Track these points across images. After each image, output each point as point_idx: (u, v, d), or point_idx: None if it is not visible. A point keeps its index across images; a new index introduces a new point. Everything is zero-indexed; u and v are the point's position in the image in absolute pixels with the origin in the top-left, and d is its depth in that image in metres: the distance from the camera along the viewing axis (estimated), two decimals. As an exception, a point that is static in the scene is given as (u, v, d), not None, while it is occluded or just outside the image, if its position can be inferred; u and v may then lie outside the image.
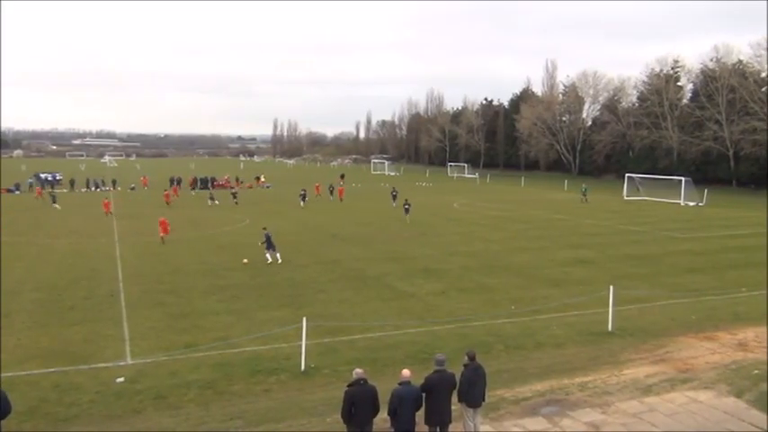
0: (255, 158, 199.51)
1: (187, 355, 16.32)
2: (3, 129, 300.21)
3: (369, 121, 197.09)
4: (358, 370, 10.72)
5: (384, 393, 10.64)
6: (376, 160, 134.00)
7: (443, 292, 23.55)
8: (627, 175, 69.46)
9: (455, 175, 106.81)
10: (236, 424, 12.48)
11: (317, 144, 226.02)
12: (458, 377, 11.11)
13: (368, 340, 17.67)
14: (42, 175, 78.50)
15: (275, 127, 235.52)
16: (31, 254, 30.83)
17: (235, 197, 56.95)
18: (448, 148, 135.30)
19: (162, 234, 34.34)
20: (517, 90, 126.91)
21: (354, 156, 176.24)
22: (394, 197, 53.63)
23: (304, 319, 15.99)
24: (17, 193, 68.04)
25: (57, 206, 51.44)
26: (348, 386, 10.50)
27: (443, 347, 15.95)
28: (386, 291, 23.77)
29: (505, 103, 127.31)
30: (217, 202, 54.71)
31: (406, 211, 44.36)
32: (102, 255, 30.66)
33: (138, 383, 14.49)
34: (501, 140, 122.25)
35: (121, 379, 14.71)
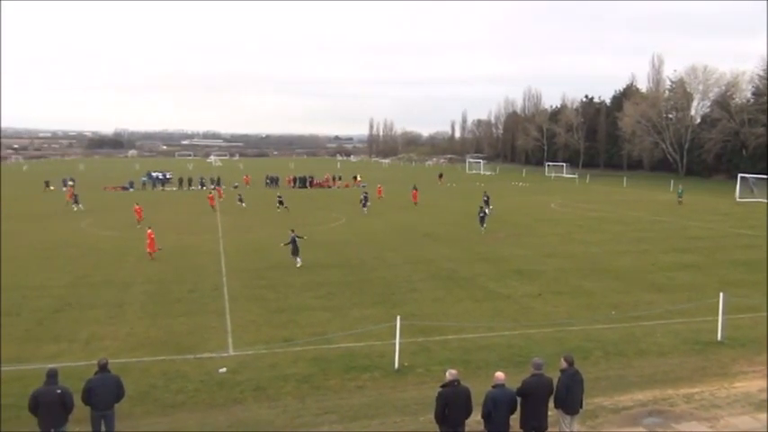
0: (352, 158, 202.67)
1: (285, 349, 16.82)
2: (119, 130, 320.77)
3: (464, 120, 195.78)
4: (452, 371, 10.68)
5: (477, 395, 10.54)
6: (471, 160, 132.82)
7: (539, 294, 23.04)
8: (740, 175, 65.32)
9: (553, 174, 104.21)
10: (331, 418, 12.74)
11: (412, 143, 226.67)
12: (555, 382, 10.84)
13: (461, 341, 17.57)
14: (154, 174, 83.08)
15: (371, 127, 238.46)
16: (141, 249, 32.72)
17: (282, 204, 51.44)
18: (546, 147, 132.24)
19: (150, 250, 29.85)
20: (619, 87, 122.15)
21: (449, 155, 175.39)
22: (486, 202, 50.08)
23: (398, 317, 16.12)
24: (131, 190, 72.44)
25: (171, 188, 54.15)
26: (441, 387, 10.47)
27: (539, 351, 15.61)
28: (479, 292, 23.54)
29: (607, 101, 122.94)
30: (286, 206, 53.83)
31: (482, 220, 39.01)
32: (206, 250, 32.10)
33: (239, 374, 15.08)
34: (602, 139, 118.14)
35: (224, 369, 15.35)
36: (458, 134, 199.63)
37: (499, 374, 10.61)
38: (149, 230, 30.40)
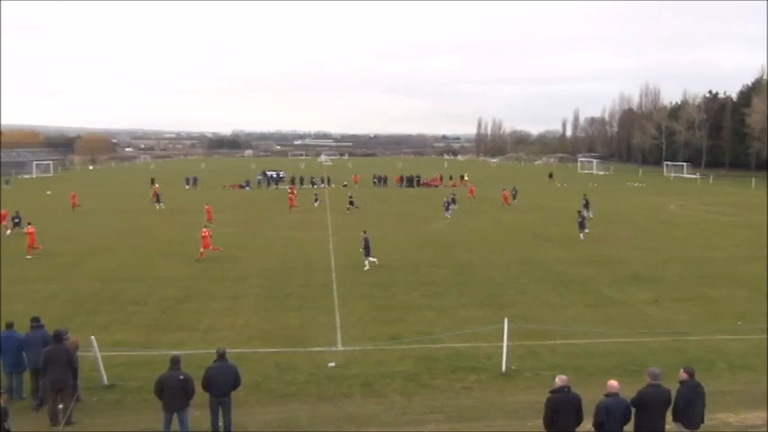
0: (459, 157, 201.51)
1: (392, 347, 17.00)
2: (237, 131, 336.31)
3: (576, 118, 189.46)
4: (562, 377, 10.40)
5: (588, 403, 10.21)
6: (583, 159, 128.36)
7: (656, 300, 21.94)
8: None
9: (672, 174, 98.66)
10: (437, 418, 12.76)
11: (521, 143, 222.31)
12: (673, 394, 10.30)
13: (571, 346, 17.05)
14: (268, 173, 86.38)
15: (479, 126, 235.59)
16: (256, 244, 34.16)
17: (352, 204, 50.76)
18: (664, 146, 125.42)
19: (202, 249, 29.56)
20: (747, 81, 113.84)
21: (560, 154, 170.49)
22: (585, 205, 45.49)
23: (506, 319, 15.88)
24: (247, 188, 75.73)
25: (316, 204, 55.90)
26: (551, 392, 10.23)
27: (656, 361, 14.87)
28: (591, 296, 22.74)
29: (733, 96, 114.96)
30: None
31: (581, 225, 35.61)
32: (317, 247, 33.01)
33: (347, 369, 15.41)
34: (727, 137, 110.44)
35: (333, 364, 15.74)
36: (569, 132, 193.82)
37: (613, 383, 10.21)
38: (204, 230, 30.56)
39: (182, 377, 11.49)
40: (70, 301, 21.77)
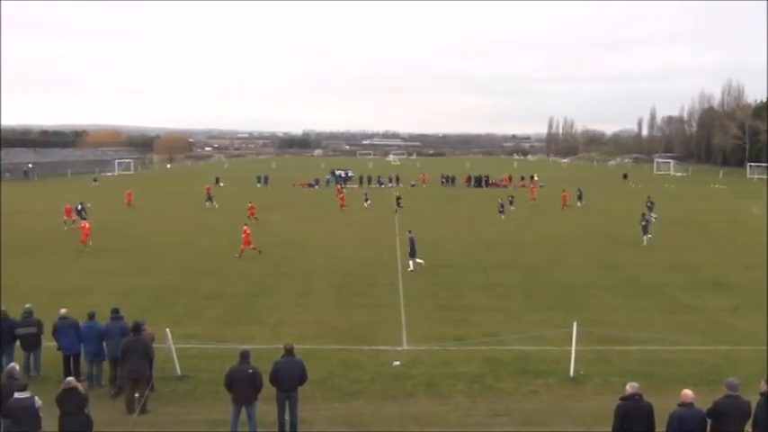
0: (529, 157, 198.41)
1: (458, 347, 16.91)
2: (307, 131, 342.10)
3: (652, 117, 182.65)
4: (633, 383, 10.09)
5: (660, 413, 9.86)
6: (660, 159, 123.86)
7: (736, 308, 20.97)
8: None
9: (755, 176, 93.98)
10: (502, 421, 12.61)
11: (593, 142, 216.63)
12: (753, 407, 9.82)
13: (644, 353, 16.51)
14: (337, 172, 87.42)
15: (550, 125, 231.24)
16: (325, 242, 34.63)
17: (399, 204, 49.60)
18: (748, 146, 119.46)
19: (243, 246, 30.02)
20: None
21: (635, 155, 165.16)
22: (650, 208, 42.80)
23: (575, 323, 15.54)
24: (316, 187, 76.91)
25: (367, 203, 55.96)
26: (621, 399, 9.94)
27: (734, 371, 14.18)
28: (666, 301, 21.95)
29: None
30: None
31: (644, 229, 33.77)
32: (384, 246, 33.17)
33: (412, 369, 15.43)
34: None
35: (398, 363, 15.79)
36: (645, 132, 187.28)
37: (687, 392, 9.83)
38: (245, 227, 31.04)
39: (251, 371, 11.78)
40: (148, 294, 22.68)
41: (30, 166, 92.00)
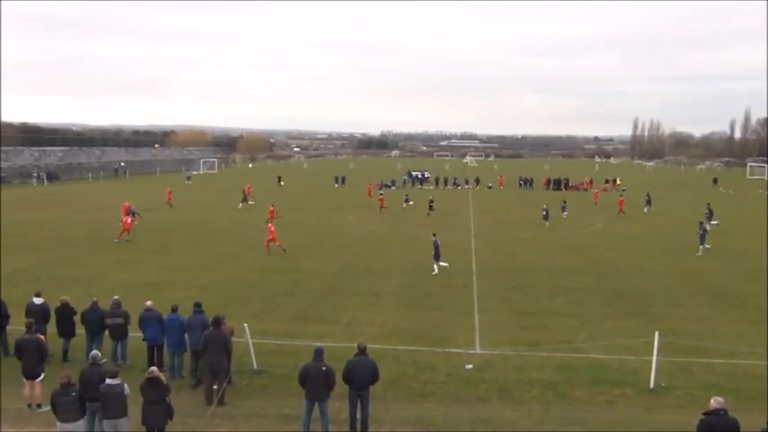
0: (612, 160, 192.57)
1: (531, 353, 16.61)
2: (385, 132, 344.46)
3: (747, 119, 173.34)
4: (718, 398, 9.63)
5: (747, 429, 9.36)
6: (753, 164, 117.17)
7: (835, 322, 19.62)
8: None
9: None
10: (576, 429, 12.30)
11: (681, 145, 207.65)
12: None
13: (730, 366, 15.70)
14: (413, 173, 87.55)
15: (635, 127, 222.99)
16: (398, 242, 34.76)
17: (431, 208, 49.11)
18: None
19: (269, 240, 30.91)
20: None
21: (726, 158, 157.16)
22: (709, 216, 40.28)
23: (656, 333, 14.96)
24: (392, 188, 77.29)
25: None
26: (705, 414, 9.50)
27: (831, 389, 13.32)
28: (755, 313, 20.78)
29: None
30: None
31: (702, 238, 31.66)
32: (458, 247, 32.94)
33: (484, 373, 15.26)
34: None
35: (470, 366, 15.65)
36: (738, 134, 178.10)
37: (718, 399, 9.32)
38: (270, 225, 32.14)
39: (324, 368, 11.97)
40: (226, 289, 23.40)
41: (122, 164, 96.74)
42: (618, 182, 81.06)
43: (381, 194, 54.36)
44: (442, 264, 26.80)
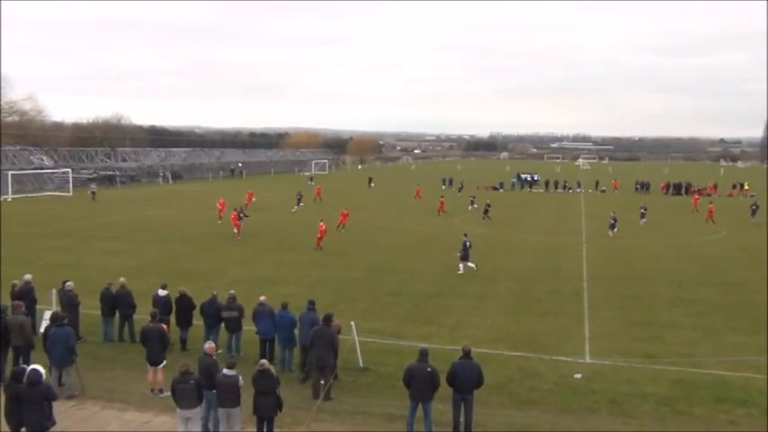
0: (739, 164, 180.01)
1: (645, 366, 15.84)
2: (494, 133, 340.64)
3: None
4: None
5: None
6: None
7: None
8: None
9: None
10: (694, 450, 11.60)
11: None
12: None
13: None
14: (523, 176, 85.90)
15: (767, 128, 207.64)
16: (507, 246, 34.20)
17: (486, 213, 46.21)
18: None
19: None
20: None
21: None
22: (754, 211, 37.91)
23: (787, 350, 13.85)
24: (501, 190, 76.25)
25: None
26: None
27: None
28: None
29: None
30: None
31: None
32: (569, 253, 31.99)
33: (594, 383, 14.72)
34: None
35: (579, 375, 15.14)
36: None
37: None
38: (321, 223, 32.63)
39: (429, 369, 11.98)
40: (335, 288, 23.93)
41: (239, 164, 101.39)
42: (746, 187, 75.64)
43: (442, 197, 52.06)
44: (469, 265, 26.40)
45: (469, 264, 26.58)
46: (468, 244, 26.89)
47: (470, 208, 52.19)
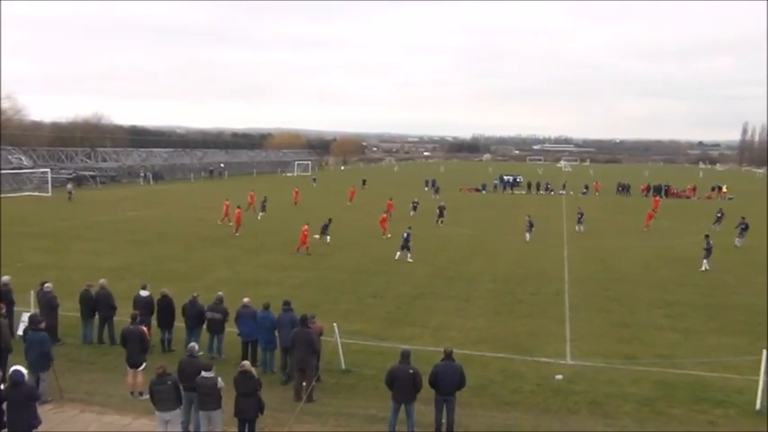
0: (717, 167, 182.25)
1: (626, 367, 15.98)
2: (477, 135, 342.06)
3: None
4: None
5: None
6: None
7: None
8: None
9: None
10: (674, 450, 11.71)
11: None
12: None
13: None
14: (505, 177, 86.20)
15: (744, 132, 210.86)
16: (489, 248, 34.33)
17: (441, 215, 44.34)
18: None
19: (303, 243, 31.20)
20: None
21: None
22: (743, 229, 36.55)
23: (765, 351, 14.01)
24: (483, 192, 76.48)
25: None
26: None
27: None
28: None
29: None
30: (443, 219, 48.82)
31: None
32: (550, 255, 32.17)
33: (575, 384, 14.82)
34: None
35: (560, 377, 15.24)
36: None
37: None
38: (305, 227, 31.69)
39: (411, 371, 11.99)
40: (319, 289, 23.87)
41: (221, 165, 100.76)
42: (724, 189, 76.62)
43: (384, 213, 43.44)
44: (408, 257, 29.40)
45: (408, 257, 29.54)
46: (406, 235, 30.07)
47: (412, 213, 49.02)
